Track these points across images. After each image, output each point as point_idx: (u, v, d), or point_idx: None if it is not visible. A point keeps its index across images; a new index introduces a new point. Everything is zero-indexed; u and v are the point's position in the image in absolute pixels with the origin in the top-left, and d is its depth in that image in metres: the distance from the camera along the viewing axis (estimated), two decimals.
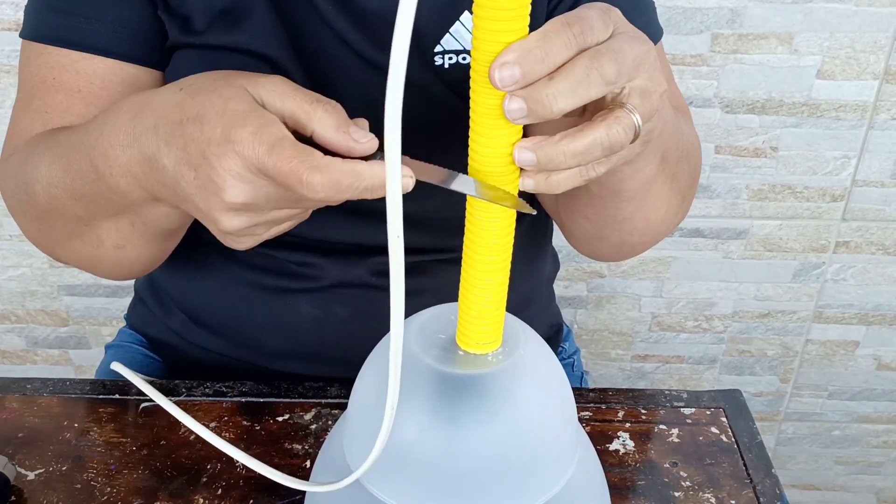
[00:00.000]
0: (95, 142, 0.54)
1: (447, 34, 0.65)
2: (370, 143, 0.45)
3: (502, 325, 0.46)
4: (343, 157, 0.45)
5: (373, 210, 0.71)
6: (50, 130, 0.64)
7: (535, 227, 0.82)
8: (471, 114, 0.41)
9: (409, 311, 0.46)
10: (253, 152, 0.44)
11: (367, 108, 0.51)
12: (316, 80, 0.65)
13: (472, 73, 0.40)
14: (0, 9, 1.15)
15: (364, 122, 0.47)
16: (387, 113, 0.36)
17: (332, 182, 0.43)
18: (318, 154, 0.44)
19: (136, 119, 0.51)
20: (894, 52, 1.16)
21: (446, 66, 0.65)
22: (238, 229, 0.48)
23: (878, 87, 1.19)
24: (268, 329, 0.77)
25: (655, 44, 0.72)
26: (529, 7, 0.38)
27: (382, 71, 0.69)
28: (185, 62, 0.66)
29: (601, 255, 0.73)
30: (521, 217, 0.78)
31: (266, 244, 0.73)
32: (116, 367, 0.69)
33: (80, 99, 0.65)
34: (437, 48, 0.65)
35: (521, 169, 0.43)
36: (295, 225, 0.52)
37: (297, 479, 0.53)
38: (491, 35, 0.38)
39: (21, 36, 0.67)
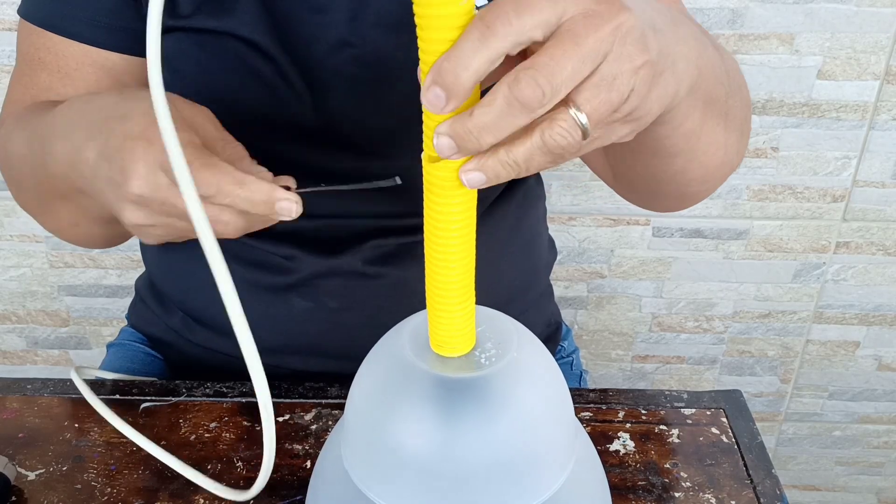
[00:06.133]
0: (51, 128, 0.58)
1: None
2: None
3: (472, 327, 0.45)
4: None
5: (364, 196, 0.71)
6: (32, 107, 0.68)
7: (526, 209, 0.82)
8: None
9: (411, 299, 0.46)
10: (160, 149, 0.47)
11: (354, 96, 0.51)
12: (302, 66, 0.66)
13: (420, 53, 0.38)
14: (0, 9, 1.15)
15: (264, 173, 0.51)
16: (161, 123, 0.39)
17: (216, 180, 0.48)
18: (216, 158, 0.49)
19: (80, 113, 0.55)
20: (895, 52, 1.16)
21: None
22: (137, 224, 0.52)
23: (878, 87, 1.19)
24: (264, 326, 0.76)
25: None
26: None
27: (377, 58, 0.68)
28: (174, 43, 0.66)
29: (663, 208, 0.71)
30: (510, 196, 0.78)
31: (254, 237, 0.73)
32: (73, 376, 0.71)
33: (59, 79, 0.69)
34: None
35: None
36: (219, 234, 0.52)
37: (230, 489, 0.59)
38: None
39: (17, 12, 0.71)
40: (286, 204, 0.49)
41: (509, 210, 0.79)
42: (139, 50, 0.69)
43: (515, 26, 0.36)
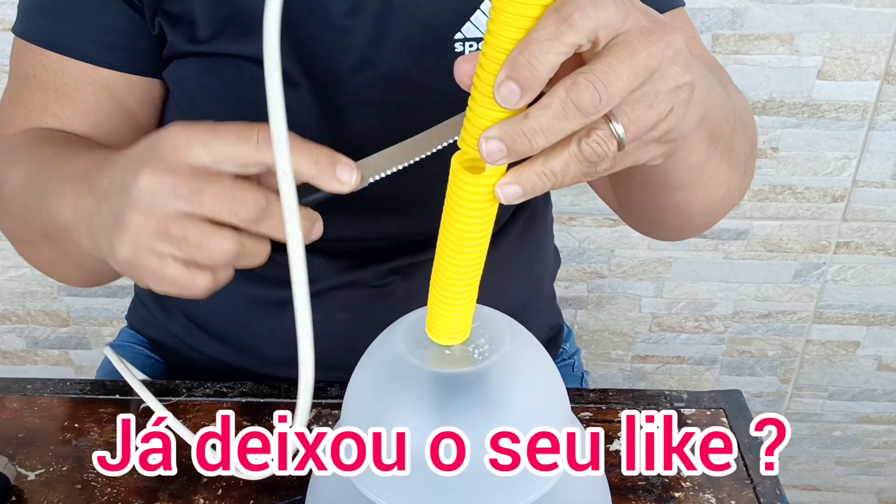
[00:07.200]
0: (49, 172, 0.56)
1: (468, 23, 0.64)
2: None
3: (470, 317, 0.46)
4: None
5: (377, 209, 0.71)
6: (37, 134, 0.66)
7: (534, 221, 0.82)
8: (471, 95, 0.39)
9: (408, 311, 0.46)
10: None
11: (376, 122, 0.51)
12: (323, 90, 0.65)
13: (482, 56, 0.38)
14: (1, 9, 1.15)
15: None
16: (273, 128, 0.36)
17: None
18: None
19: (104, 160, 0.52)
20: (895, 52, 1.16)
21: (467, 52, 0.65)
22: (141, 241, 0.46)
23: (878, 87, 1.19)
24: (268, 337, 0.76)
25: (676, 6, 0.68)
26: None
27: (400, 82, 0.66)
28: (191, 71, 0.66)
29: (663, 237, 0.72)
30: (519, 210, 0.78)
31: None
32: (108, 351, 0.71)
33: (56, 99, 0.67)
34: (458, 35, 0.64)
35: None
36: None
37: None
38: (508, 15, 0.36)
39: (12, 31, 0.69)
40: (346, 168, 0.45)
41: (517, 227, 0.79)
42: (143, 68, 0.68)
43: (593, 19, 0.36)
